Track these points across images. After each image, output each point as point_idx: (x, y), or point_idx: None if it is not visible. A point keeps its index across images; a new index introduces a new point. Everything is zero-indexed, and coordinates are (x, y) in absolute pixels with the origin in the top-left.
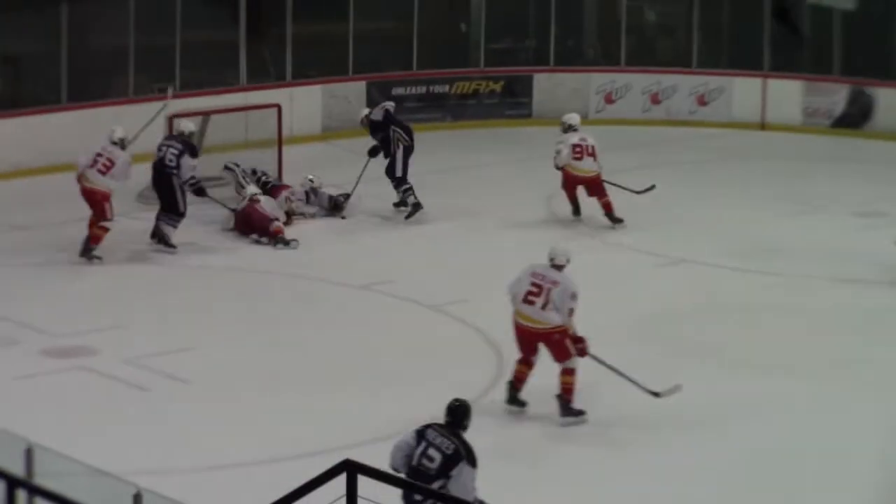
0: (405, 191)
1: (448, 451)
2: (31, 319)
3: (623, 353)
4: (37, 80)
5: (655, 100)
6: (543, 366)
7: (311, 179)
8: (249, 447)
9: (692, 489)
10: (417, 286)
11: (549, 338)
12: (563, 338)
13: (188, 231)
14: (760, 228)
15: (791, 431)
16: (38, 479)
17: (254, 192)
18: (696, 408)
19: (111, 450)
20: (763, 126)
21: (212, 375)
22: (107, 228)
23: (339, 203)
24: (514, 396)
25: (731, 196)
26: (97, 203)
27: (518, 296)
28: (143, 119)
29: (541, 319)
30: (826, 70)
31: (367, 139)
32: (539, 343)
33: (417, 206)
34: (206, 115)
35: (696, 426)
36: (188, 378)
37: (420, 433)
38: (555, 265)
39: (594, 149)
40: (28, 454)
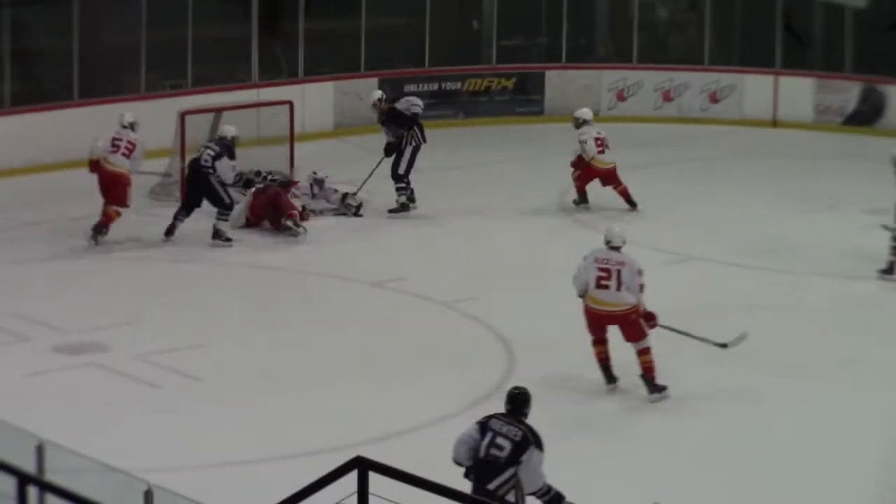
0: (400, 189)
1: (517, 438)
2: (43, 316)
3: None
4: (49, 77)
5: (667, 97)
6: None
7: (315, 173)
8: (260, 444)
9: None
10: (428, 283)
11: (626, 319)
12: (638, 317)
13: (199, 228)
14: (771, 226)
15: (796, 430)
16: (49, 476)
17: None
18: (699, 406)
19: (122, 446)
20: (775, 123)
21: (222, 372)
22: (120, 213)
23: (356, 204)
24: (611, 375)
25: (742, 193)
26: (121, 187)
27: (589, 284)
28: (154, 115)
29: (617, 302)
30: (838, 68)
31: (380, 136)
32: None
33: (406, 207)
34: (218, 112)
35: (698, 425)
36: (199, 375)
37: (483, 424)
38: (613, 247)
39: (608, 141)
40: (39, 451)
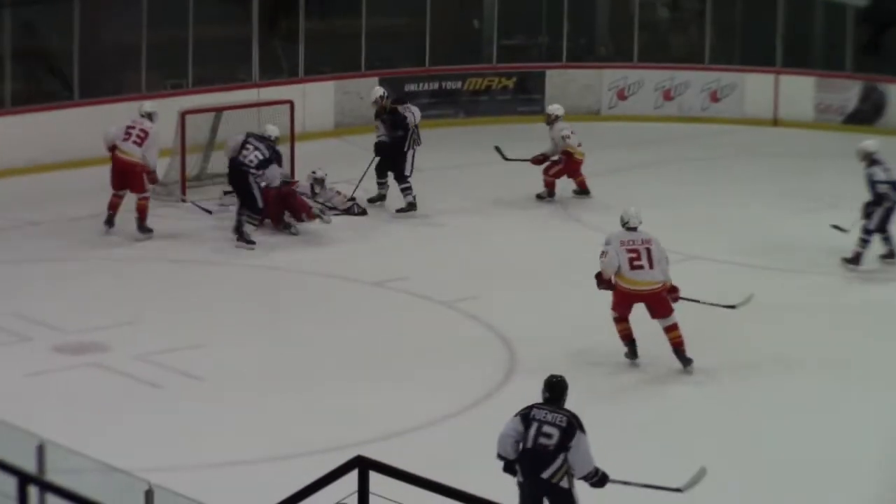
0: (406, 189)
1: (563, 425)
2: (44, 316)
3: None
4: (50, 77)
5: (668, 96)
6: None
7: (314, 172)
8: (261, 444)
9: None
10: (429, 283)
11: (659, 296)
12: (667, 293)
13: (200, 228)
14: (772, 225)
15: (796, 429)
16: (50, 476)
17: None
18: (701, 404)
19: (123, 446)
20: (775, 122)
21: (223, 372)
22: (148, 198)
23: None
24: (636, 350)
25: (743, 192)
26: (136, 175)
27: (622, 267)
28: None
29: (653, 280)
30: (838, 66)
31: None
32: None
33: (413, 206)
34: (219, 112)
35: (700, 422)
36: (200, 375)
37: (525, 416)
38: (630, 228)
39: None
40: (40, 450)
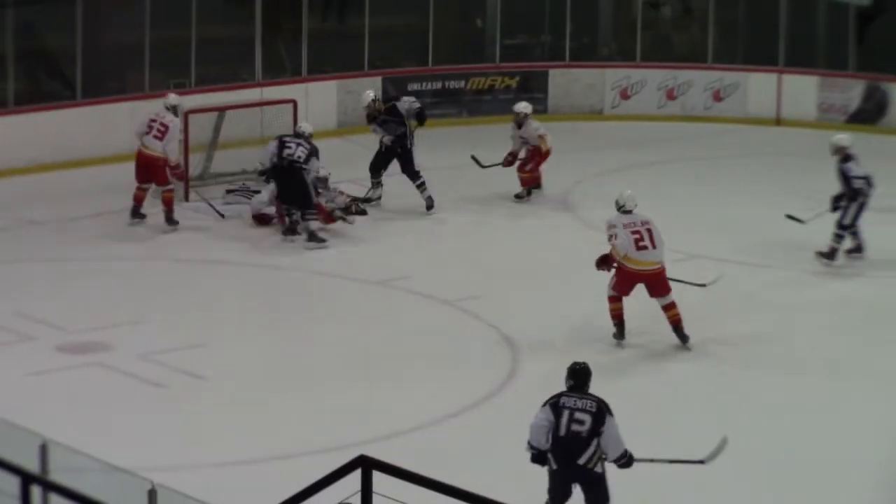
0: (421, 185)
1: (593, 410)
2: (47, 315)
3: (634, 346)
4: (52, 76)
5: (671, 95)
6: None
7: (318, 171)
8: (264, 443)
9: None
10: (431, 282)
11: (660, 276)
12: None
13: (201, 227)
14: (775, 224)
15: (796, 429)
16: (53, 476)
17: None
18: (703, 404)
19: (126, 446)
20: (778, 122)
21: (227, 372)
22: (173, 190)
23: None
24: (623, 331)
25: (745, 192)
26: (158, 169)
27: (629, 249)
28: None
29: (658, 259)
30: (841, 66)
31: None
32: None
33: (432, 200)
34: (222, 111)
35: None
36: (203, 374)
37: (554, 405)
38: (626, 210)
39: None
40: (43, 450)
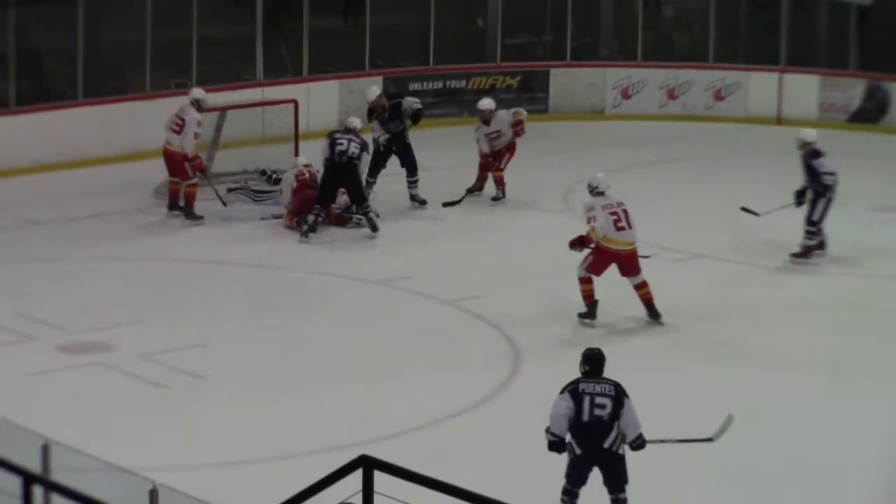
0: (414, 182)
1: (612, 393)
2: (47, 315)
3: (635, 345)
4: (54, 76)
5: (672, 95)
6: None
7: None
8: (265, 443)
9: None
10: (432, 282)
11: (634, 255)
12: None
13: (203, 227)
14: (776, 224)
15: (796, 428)
16: (55, 476)
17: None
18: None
19: (127, 446)
20: (779, 121)
21: (228, 372)
22: (195, 184)
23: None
24: (595, 311)
25: (747, 191)
26: (178, 164)
27: (609, 229)
28: (161, 115)
29: (633, 239)
30: (842, 65)
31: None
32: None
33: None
34: (223, 111)
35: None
36: (204, 374)
37: (574, 391)
38: (600, 192)
39: None
40: (44, 450)
